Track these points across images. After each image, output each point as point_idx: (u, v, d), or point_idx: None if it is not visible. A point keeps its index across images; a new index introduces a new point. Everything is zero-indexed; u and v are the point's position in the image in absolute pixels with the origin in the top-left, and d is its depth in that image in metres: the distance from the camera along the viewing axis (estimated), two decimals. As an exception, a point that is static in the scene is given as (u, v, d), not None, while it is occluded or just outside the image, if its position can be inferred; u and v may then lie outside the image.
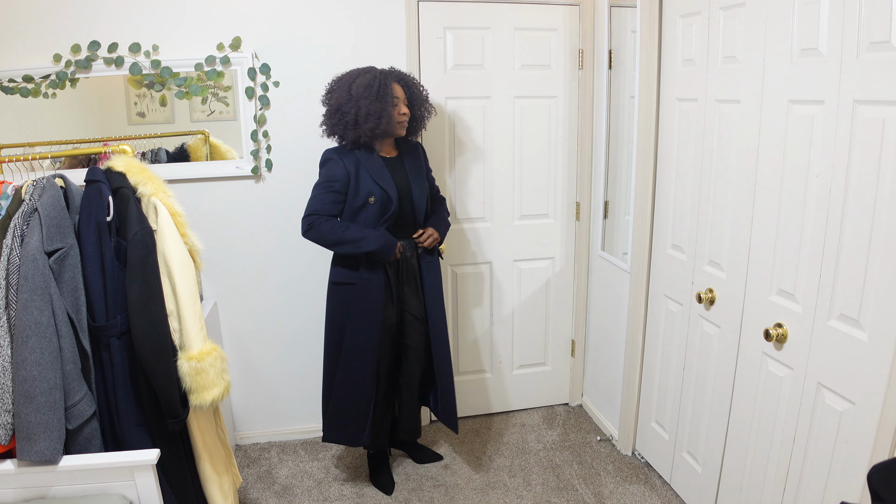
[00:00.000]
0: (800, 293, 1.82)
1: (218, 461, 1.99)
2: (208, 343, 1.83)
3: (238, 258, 2.84)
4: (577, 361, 3.32)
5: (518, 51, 2.88)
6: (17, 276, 1.57)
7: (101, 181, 1.76)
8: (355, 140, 2.35)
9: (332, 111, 2.34)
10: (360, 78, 2.32)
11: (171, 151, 2.69)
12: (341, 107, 2.31)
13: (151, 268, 1.75)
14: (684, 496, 2.52)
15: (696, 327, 2.35)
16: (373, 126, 2.29)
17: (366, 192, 2.34)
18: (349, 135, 2.33)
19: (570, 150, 3.06)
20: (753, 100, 1.94)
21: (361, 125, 2.29)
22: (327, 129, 2.40)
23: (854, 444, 1.65)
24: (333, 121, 2.34)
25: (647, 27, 2.43)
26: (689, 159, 2.32)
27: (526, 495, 2.63)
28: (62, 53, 2.47)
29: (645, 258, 2.64)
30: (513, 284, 3.16)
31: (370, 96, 2.28)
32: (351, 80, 2.34)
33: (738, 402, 2.14)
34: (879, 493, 1.13)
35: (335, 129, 2.36)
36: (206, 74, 2.59)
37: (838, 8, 1.60)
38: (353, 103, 2.28)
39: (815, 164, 1.72)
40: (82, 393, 1.67)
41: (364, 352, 2.44)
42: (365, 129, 2.29)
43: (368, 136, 2.32)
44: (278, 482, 2.75)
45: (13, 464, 1.63)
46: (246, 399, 3.03)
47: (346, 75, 2.38)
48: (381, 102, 2.28)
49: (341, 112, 2.31)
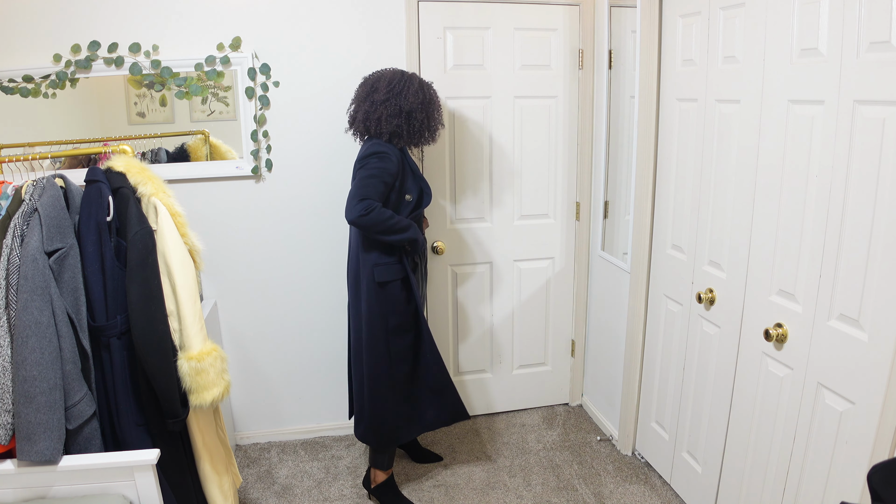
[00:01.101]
0: (800, 293, 1.82)
1: (218, 461, 1.99)
2: (208, 343, 1.83)
3: (238, 258, 2.84)
4: (577, 361, 3.32)
5: (518, 51, 2.88)
6: (17, 276, 1.57)
7: (101, 181, 1.76)
8: (409, 142, 2.37)
9: (399, 111, 2.29)
10: (431, 90, 2.38)
11: (171, 151, 2.69)
12: (413, 112, 2.30)
13: (151, 268, 1.75)
14: (684, 496, 2.52)
15: (696, 327, 2.35)
16: (436, 135, 2.41)
17: (406, 189, 2.38)
18: (412, 137, 2.35)
19: (570, 150, 3.06)
20: (753, 100, 1.94)
21: (426, 132, 2.36)
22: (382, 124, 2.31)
23: (854, 444, 1.65)
24: (399, 121, 2.30)
25: (647, 27, 2.43)
26: (689, 159, 2.32)
27: (526, 495, 2.63)
28: (62, 53, 2.48)
29: (645, 258, 2.64)
30: (513, 284, 3.16)
31: (438, 107, 2.39)
32: (420, 84, 2.34)
33: (738, 402, 2.14)
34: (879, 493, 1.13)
35: (398, 128, 2.31)
36: (206, 74, 2.59)
37: (838, 8, 1.60)
38: (429, 113, 2.34)
39: (815, 164, 1.72)
40: (82, 393, 1.67)
41: (410, 347, 2.47)
42: (428, 136, 2.38)
43: (425, 143, 2.41)
44: (278, 482, 2.75)
45: (13, 464, 1.63)
46: (246, 399, 3.03)
47: (403, 75, 2.35)
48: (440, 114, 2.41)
49: (411, 117, 2.31)
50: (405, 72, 2.38)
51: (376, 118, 2.30)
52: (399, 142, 2.35)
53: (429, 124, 2.35)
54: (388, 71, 2.38)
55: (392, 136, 2.33)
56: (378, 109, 2.30)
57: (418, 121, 2.31)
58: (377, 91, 2.31)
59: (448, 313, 3.10)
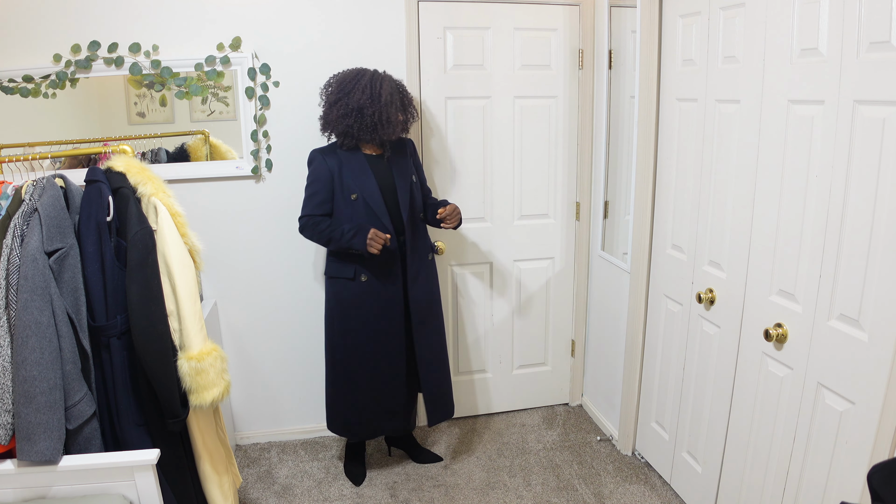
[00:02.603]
0: (800, 293, 1.82)
1: (218, 461, 1.99)
2: (208, 343, 1.83)
3: (238, 258, 2.84)
4: (577, 361, 3.32)
5: (518, 51, 2.88)
6: (17, 276, 1.57)
7: (101, 181, 1.76)
8: (359, 139, 2.39)
9: (350, 111, 2.33)
10: (382, 84, 2.35)
11: (171, 151, 2.69)
12: (363, 108, 2.32)
13: (151, 268, 1.75)
14: (684, 496, 2.52)
15: (696, 327, 2.35)
16: (389, 134, 2.38)
17: (349, 190, 2.40)
18: (363, 134, 2.36)
19: (570, 150, 3.06)
20: (753, 100, 1.94)
21: (379, 129, 2.34)
22: (335, 125, 2.39)
23: (854, 444, 1.65)
24: (349, 121, 2.33)
25: (647, 27, 2.43)
26: (689, 159, 2.32)
27: (526, 495, 2.63)
28: (62, 53, 2.47)
29: (645, 258, 2.64)
30: (513, 284, 3.16)
31: (392, 104, 2.35)
32: (369, 81, 2.34)
33: (738, 402, 2.14)
34: (879, 493, 1.13)
35: (350, 127, 2.35)
36: (206, 74, 2.59)
37: (838, 8, 1.60)
38: (377, 108, 2.32)
39: (815, 164, 1.72)
40: (82, 393, 1.67)
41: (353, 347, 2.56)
42: (381, 132, 2.35)
43: (380, 140, 2.39)
44: (278, 482, 2.75)
45: (13, 464, 1.63)
46: (246, 399, 3.03)
47: (356, 74, 2.38)
48: (397, 113, 2.38)
49: (362, 113, 2.32)
50: (362, 70, 2.41)
51: (331, 120, 2.39)
52: (350, 141, 2.40)
53: (380, 118, 2.33)
54: (346, 72, 2.43)
55: (344, 136, 2.40)
56: (332, 111, 2.38)
57: (369, 116, 2.32)
58: (331, 94, 2.39)
59: (448, 313, 3.10)
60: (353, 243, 2.33)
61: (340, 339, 2.52)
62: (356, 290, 2.46)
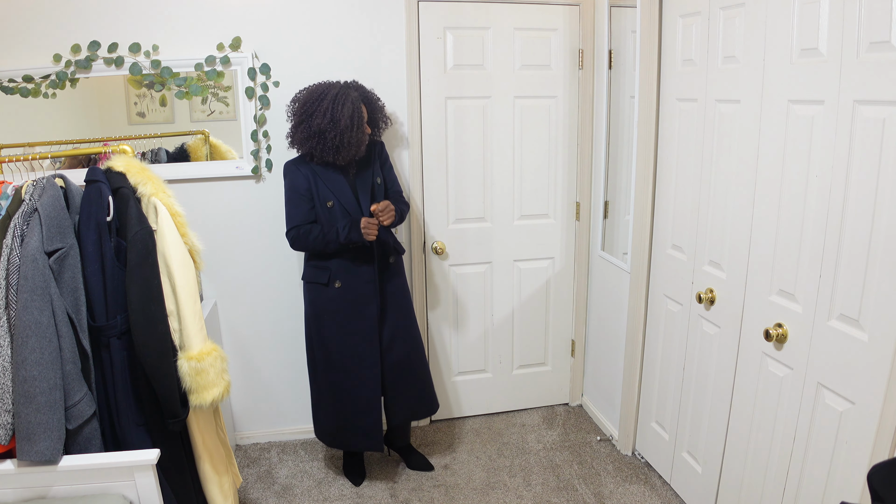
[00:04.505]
0: (800, 293, 1.82)
1: (218, 461, 1.99)
2: (208, 343, 1.83)
3: (238, 258, 2.84)
4: (577, 361, 3.32)
5: (518, 51, 2.88)
6: (17, 276, 1.57)
7: (101, 181, 1.76)
8: (323, 159, 2.41)
9: (312, 133, 2.35)
10: (343, 107, 2.32)
11: (171, 151, 2.69)
12: (324, 132, 2.33)
13: (151, 268, 1.75)
14: (684, 496, 2.52)
15: (696, 327, 2.35)
16: (353, 154, 2.40)
17: (325, 197, 2.43)
18: (326, 156, 2.37)
19: (570, 150, 3.06)
20: (753, 100, 1.94)
21: (342, 151, 2.36)
22: (300, 145, 2.42)
23: (854, 444, 1.65)
24: (312, 143, 2.37)
25: (647, 27, 2.43)
26: (689, 159, 2.32)
27: (526, 495, 2.63)
28: (62, 53, 2.47)
29: (645, 258, 2.64)
30: (513, 284, 3.16)
31: (353, 127, 2.34)
32: (330, 104, 2.33)
33: (738, 402, 2.14)
34: (879, 493, 1.13)
35: (313, 149, 2.38)
36: (206, 74, 2.59)
37: (838, 8, 1.60)
38: (338, 133, 2.32)
39: (815, 165, 1.72)
40: (82, 393, 1.67)
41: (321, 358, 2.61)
42: (343, 154, 2.37)
43: (343, 160, 2.40)
44: (278, 482, 2.75)
45: (13, 464, 1.63)
46: (246, 399, 3.03)
47: (320, 94, 2.37)
48: (360, 133, 2.37)
49: (324, 137, 2.34)
50: (326, 88, 2.39)
51: (297, 140, 2.42)
52: (315, 159, 2.42)
53: (341, 141, 2.33)
54: (312, 88, 2.42)
55: (311, 156, 2.43)
56: (297, 131, 2.40)
57: (330, 139, 2.33)
58: (297, 112, 2.40)
59: (448, 313, 3.10)
60: (352, 237, 2.36)
61: (320, 352, 2.55)
62: (330, 294, 2.48)
